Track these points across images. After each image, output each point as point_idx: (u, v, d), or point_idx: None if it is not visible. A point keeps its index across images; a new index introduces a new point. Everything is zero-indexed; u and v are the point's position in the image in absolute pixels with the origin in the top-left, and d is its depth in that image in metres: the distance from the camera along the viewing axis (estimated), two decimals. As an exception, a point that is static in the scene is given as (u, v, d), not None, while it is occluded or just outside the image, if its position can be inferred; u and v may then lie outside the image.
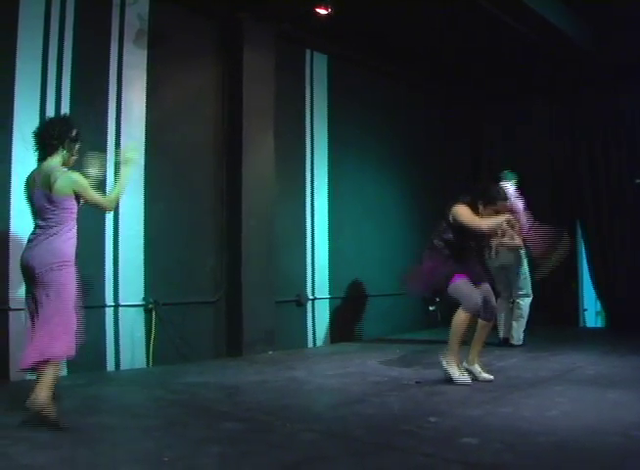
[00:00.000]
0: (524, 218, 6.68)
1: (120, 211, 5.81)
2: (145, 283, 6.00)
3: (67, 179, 3.81)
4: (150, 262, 6.03)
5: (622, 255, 8.61)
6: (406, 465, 2.84)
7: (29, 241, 3.80)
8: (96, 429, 3.50)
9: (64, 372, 5.26)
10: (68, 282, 3.73)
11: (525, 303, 6.90)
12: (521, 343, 6.82)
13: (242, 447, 3.12)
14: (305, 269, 7.63)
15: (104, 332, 5.67)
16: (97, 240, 5.68)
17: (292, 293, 7.41)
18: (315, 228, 7.77)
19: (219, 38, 6.77)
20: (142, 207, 6.02)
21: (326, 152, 7.93)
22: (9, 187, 5.12)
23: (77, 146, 4.06)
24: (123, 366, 5.73)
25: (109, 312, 5.73)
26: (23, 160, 4.90)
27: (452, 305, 5.08)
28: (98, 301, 5.64)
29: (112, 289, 5.76)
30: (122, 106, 5.89)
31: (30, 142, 4.00)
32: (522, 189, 7.06)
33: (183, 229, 6.36)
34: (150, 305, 5.95)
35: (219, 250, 6.66)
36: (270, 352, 6.62)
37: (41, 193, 3.77)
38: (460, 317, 4.88)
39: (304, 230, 7.65)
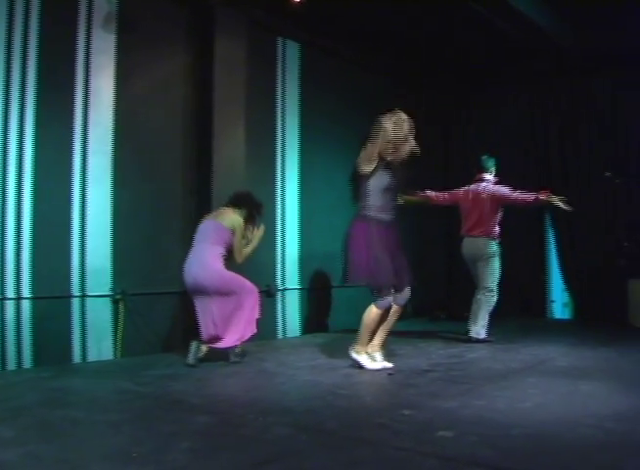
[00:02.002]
0: (518, 195, 6.72)
1: (87, 199, 5.70)
2: (112, 273, 5.88)
3: (237, 220, 5.55)
4: (117, 252, 5.92)
5: (592, 247, 8.71)
6: (381, 460, 2.82)
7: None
8: (63, 423, 3.43)
9: (28, 364, 5.18)
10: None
11: (485, 298, 6.66)
12: (480, 337, 6.55)
13: (213, 442, 3.08)
14: (275, 259, 7.58)
15: (70, 323, 5.56)
16: (63, 229, 5.56)
17: (261, 283, 7.34)
18: (285, 218, 7.72)
19: (190, 24, 6.65)
20: (109, 195, 5.90)
21: (297, 141, 7.87)
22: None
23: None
24: (90, 358, 5.62)
25: (75, 303, 5.61)
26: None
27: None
28: (64, 291, 5.54)
29: (78, 279, 5.64)
30: (90, 93, 5.75)
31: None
32: (499, 175, 7.09)
33: (152, 218, 6.26)
34: (117, 296, 5.84)
35: (188, 239, 6.55)
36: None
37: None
38: (373, 312, 5.00)
39: (274, 220, 7.58)
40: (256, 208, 5.85)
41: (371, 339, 5.08)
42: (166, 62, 6.44)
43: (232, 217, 5.58)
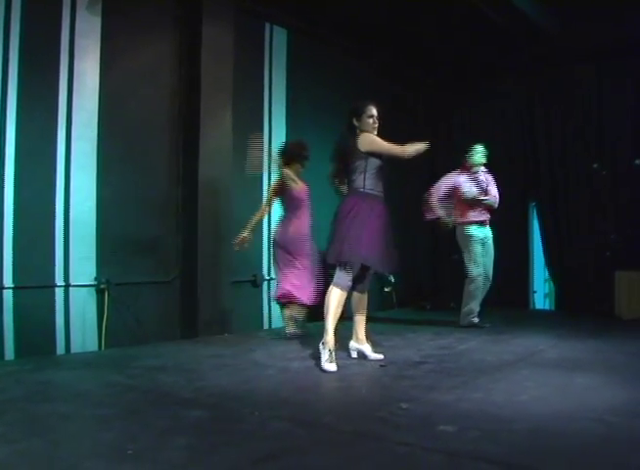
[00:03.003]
0: (494, 190, 6.79)
1: (71, 186, 5.56)
2: (97, 262, 5.76)
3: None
4: (102, 241, 5.79)
5: (578, 238, 8.73)
6: (385, 455, 2.74)
7: None
8: (51, 418, 3.30)
9: (10, 356, 5.05)
10: None
11: (466, 286, 6.92)
12: (464, 324, 6.85)
13: (210, 438, 2.98)
14: (262, 249, 7.48)
15: (53, 313, 5.43)
16: (46, 217, 5.42)
17: (248, 273, 7.26)
18: (272, 206, 7.60)
19: (178, 9, 6.50)
20: (94, 182, 5.76)
21: (284, 129, 7.77)
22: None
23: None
24: (74, 349, 5.50)
25: (59, 293, 5.48)
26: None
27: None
28: (47, 280, 5.41)
29: (62, 268, 5.51)
30: (75, 77, 5.60)
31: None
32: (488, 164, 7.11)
33: (137, 206, 6.12)
34: (102, 286, 5.72)
35: (174, 228, 6.45)
36: (226, 334, 6.49)
37: None
38: (333, 295, 4.75)
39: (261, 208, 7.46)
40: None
41: (336, 328, 4.79)
42: (153, 47, 6.30)
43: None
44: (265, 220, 7.47)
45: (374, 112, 4.93)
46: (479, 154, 7.03)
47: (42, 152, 5.40)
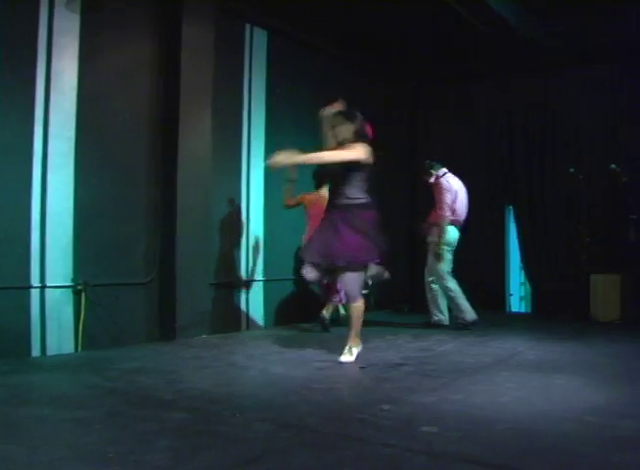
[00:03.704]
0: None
1: (48, 186, 5.46)
2: (74, 263, 5.65)
3: None
4: (79, 241, 5.68)
5: (555, 241, 8.81)
6: (370, 457, 2.73)
7: None
8: (29, 422, 3.25)
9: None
10: None
11: (435, 286, 7.21)
12: (432, 321, 7.19)
13: (193, 441, 2.94)
14: (240, 250, 7.45)
15: (29, 315, 5.31)
16: (22, 216, 5.30)
17: (226, 275, 7.22)
18: (250, 209, 7.59)
19: (158, 8, 6.42)
20: (72, 182, 5.65)
21: (263, 131, 7.74)
22: None
23: None
24: (50, 352, 5.40)
25: (34, 294, 5.36)
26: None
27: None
28: (23, 281, 5.29)
29: (38, 269, 5.39)
30: (52, 75, 5.47)
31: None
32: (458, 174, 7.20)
33: (115, 207, 6.04)
34: (79, 287, 5.61)
35: (152, 229, 6.38)
36: (204, 336, 6.44)
37: None
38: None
39: (239, 210, 7.45)
40: None
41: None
42: (133, 45, 6.22)
43: None
44: (245, 225, 7.47)
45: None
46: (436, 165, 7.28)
47: (18, 151, 5.29)
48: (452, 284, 7.08)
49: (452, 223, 7.08)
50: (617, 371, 4.73)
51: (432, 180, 7.23)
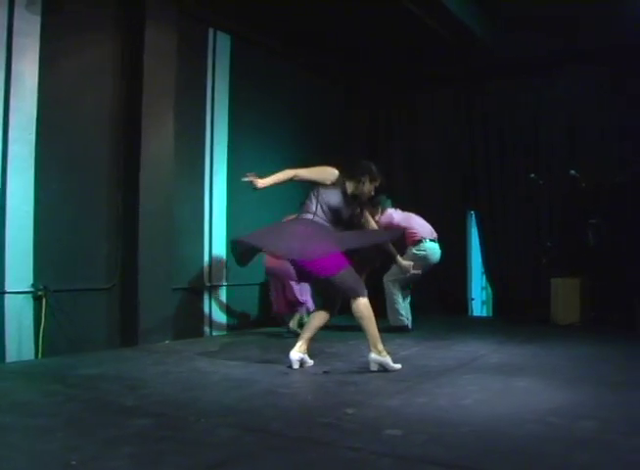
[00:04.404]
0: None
1: (7, 190, 5.38)
2: (34, 268, 5.58)
3: None
4: (39, 246, 5.61)
5: (515, 246, 8.95)
6: (335, 461, 2.74)
7: None
8: (-12, 429, 3.19)
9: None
10: None
11: (387, 286, 7.16)
12: (394, 325, 7.12)
13: (156, 447, 2.92)
14: (203, 256, 7.41)
15: (-13, 321, 5.24)
16: (-19, 221, 5.23)
17: (188, 280, 7.18)
18: (213, 213, 7.56)
19: (120, 10, 6.39)
20: (32, 186, 5.58)
21: (226, 135, 7.73)
22: None
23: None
24: (9, 358, 5.31)
25: (-7, 300, 5.29)
26: None
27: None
28: (-19, 287, 5.21)
29: (-4, 274, 5.32)
30: (12, 77, 5.41)
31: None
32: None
33: (76, 211, 5.97)
34: (39, 292, 5.54)
35: (114, 234, 6.32)
36: (167, 342, 6.39)
37: None
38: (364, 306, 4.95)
39: (202, 215, 7.42)
40: None
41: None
42: (94, 48, 6.16)
43: None
44: (208, 230, 7.44)
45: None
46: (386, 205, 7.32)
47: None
48: (397, 291, 7.13)
49: (432, 240, 7.28)
50: (577, 373, 4.81)
51: (378, 217, 7.07)
